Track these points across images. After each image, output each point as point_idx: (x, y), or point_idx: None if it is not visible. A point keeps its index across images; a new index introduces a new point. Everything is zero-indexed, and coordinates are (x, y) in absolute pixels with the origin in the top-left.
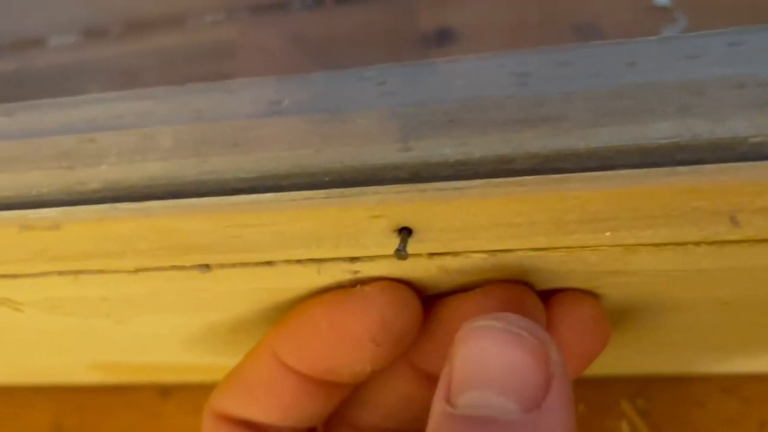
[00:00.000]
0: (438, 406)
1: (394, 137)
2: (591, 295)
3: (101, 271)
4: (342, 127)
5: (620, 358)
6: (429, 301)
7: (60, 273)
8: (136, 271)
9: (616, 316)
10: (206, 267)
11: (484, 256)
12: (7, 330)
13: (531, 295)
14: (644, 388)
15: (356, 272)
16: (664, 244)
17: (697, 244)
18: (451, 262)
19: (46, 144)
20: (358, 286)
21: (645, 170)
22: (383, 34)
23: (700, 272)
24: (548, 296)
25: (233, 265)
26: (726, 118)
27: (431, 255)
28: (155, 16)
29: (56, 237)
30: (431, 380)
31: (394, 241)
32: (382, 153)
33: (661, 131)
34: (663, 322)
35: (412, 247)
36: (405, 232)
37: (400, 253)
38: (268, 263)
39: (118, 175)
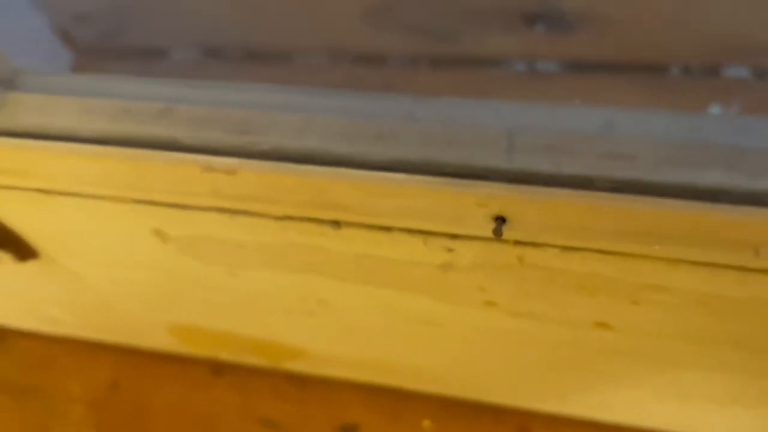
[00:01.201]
0: None
1: (503, 148)
2: None
3: (255, 214)
4: (462, 135)
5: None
6: None
7: (220, 210)
8: (282, 218)
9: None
10: (337, 224)
11: (557, 251)
12: (141, 265)
13: None
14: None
15: (451, 250)
16: (699, 263)
17: (726, 267)
18: (530, 254)
19: (229, 113)
20: None
21: (695, 203)
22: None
23: (724, 299)
24: None
25: (359, 226)
26: (760, 177)
27: (516, 243)
28: (267, 49)
29: (229, 180)
30: None
31: (490, 227)
32: (493, 159)
33: (710, 178)
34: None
35: (504, 234)
36: (500, 220)
37: (497, 232)
38: (387, 229)
39: (286, 143)
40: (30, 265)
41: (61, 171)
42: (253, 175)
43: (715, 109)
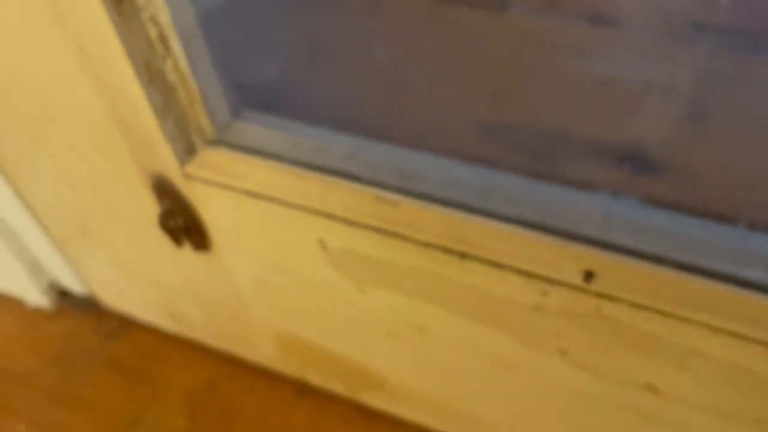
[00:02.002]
0: None
1: (597, 223)
2: None
3: (402, 237)
4: (570, 209)
5: None
6: None
7: (377, 230)
8: (422, 243)
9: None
10: (463, 255)
11: (627, 306)
12: (290, 271)
13: None
14: None
15: (545, 293)
16: (735, 334)
17: (757, 342)
18: (606, 306)
19: (399, 163)
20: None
21: (737, 288)
22: None
23: (752, 374)
24: None
25: (479, 260)
26: None
27: (599, 294)
28: (399, 136)
29: (392, 209)
30: None
31: (580, 278)
32: (592, 230)
33: (753, 275)
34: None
35: (590, 284)
36: (589, 274)
37: (587, 280)
38: (500, 266)
39: (436, 191)
40: (198, 257)
41: (267, 180)
42: (409, 208)
43: None
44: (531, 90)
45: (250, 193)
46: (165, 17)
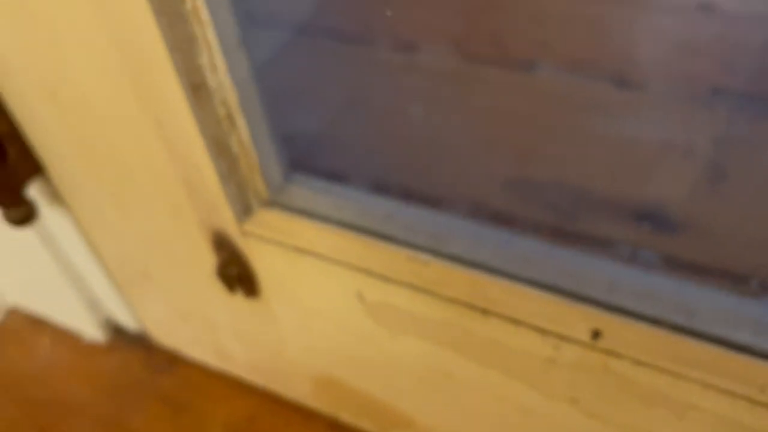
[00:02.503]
0: None
1: (604, 287)
2: None
3: (432, 293)
4: (581, 275)
5: None
6: None
7: (410, 286)
8: (449, 299)
9: None
10: (485, 312)
11: (631, 363)
12: (331, 319)
13: None
14: None
15: (557, 348)
16: (724, 390)
17: (744, 398)
18: (612, 362)
19: (430, 227)
20: None
21: (727, 350)
22: None
23: (740, 426)
24: None
25: (500, 316)
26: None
27: (605, 351)
28: (422, 193)
29: (423, 267)
30: None
31: (587, 337)
32: (596, 291)
33: (742, 338)
34: None
35: (597, 342)
36: (596, 333)
37: (595, 338)
38: (518, 322)
39: (462, 252)
40: (247, 302)
41: (314, 238)
42: (439, 268)
43: None
44: (555, 148)
45: (298, 249)
46: (233, 99)
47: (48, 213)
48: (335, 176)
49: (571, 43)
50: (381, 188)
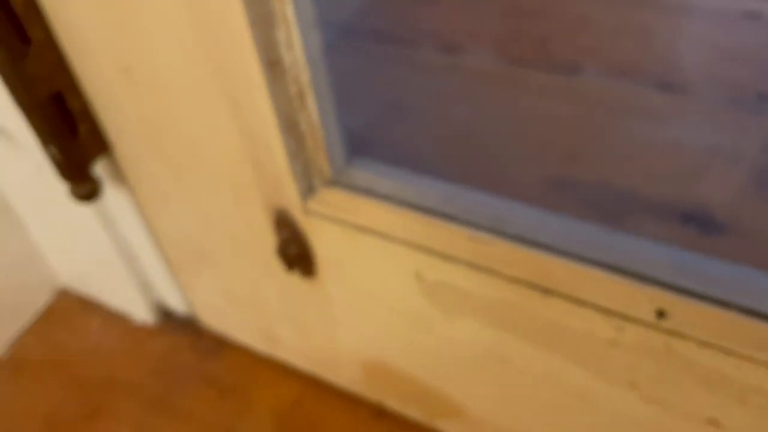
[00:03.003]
0: None
1: (670, 270)
2: None
3: (493, 272)
4: (650, 255)
5: None
6: None
7: (470, 265)
8: (511, 279)
9: None
10: (547, 291)
11: (695, 344)
12: (385, 301)
13: None
14: None
15: (621, 329)
16: None
17: None
18: (675, 343)
19: (490, 209)
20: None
21: None
22: None
23: None
24: None
25: (562, 296)
26: None
27: (669, 331)
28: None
29: (485, 247)
30: None
31: (652, 317)
32: (662, 273)
33: None
34: None
35: (662, 322)
36: (661, 313)
37: (659, 317)
38: (581, 302)
39: (524, 233)
40: (303, 282)
41: (375, 216)
42: (501, 247)
43: None
44: (599, 150)
45: (359, 227)
46: (305, 77)
47: (110, 192)
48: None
49: (616, 48)
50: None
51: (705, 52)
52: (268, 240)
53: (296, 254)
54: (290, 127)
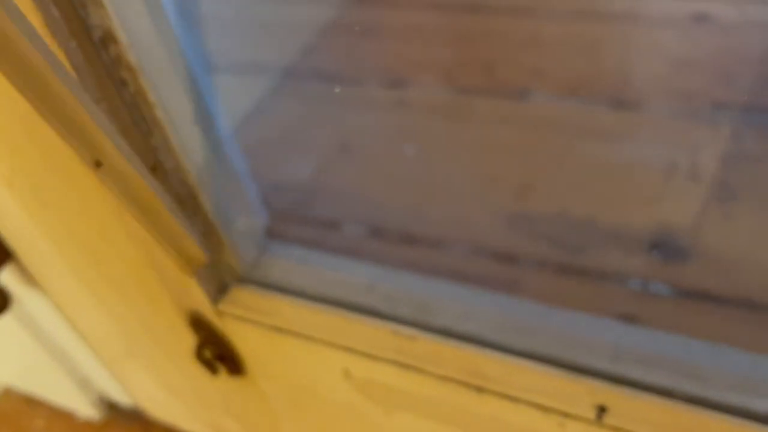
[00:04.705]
0: None
1: (609, 357)
2: None
3: (423, 371)
4: (579, 342)
5: None
6: None
7: (397, 364)
8: (442, 377)
9: None
10: (480, 390)
11: None
12: (318, 395)
13: None
14: None
15: (562, 425)
16: None
17: None
18: None
19: (413, 297)
20: None
21: (744, 421)
22: None
23: None
24: None
25: (496, 394)
26: None
27: (612, 428)
28: (420, 236)
29: (410, 344)
30: None
31: (592, 414)
32: (602, 363)
33: (760, 406)
34: None
35: (604, 419)
36: (601, 409)
37: (600, 415)
38: (516, 399)
39: (451, 325)
40: (233, 381)
41: (292, 316)
42: (426, 343)
43: None
44: (555, 178)
45: (276, 328)
46: (192, 178)
47: (25, 296)
48: (331, 224)
49: (565, 66)
50: (377, 233)
51: (656, 62)
52: (189, 340)
53: (219, 354)
54: (185, 230)
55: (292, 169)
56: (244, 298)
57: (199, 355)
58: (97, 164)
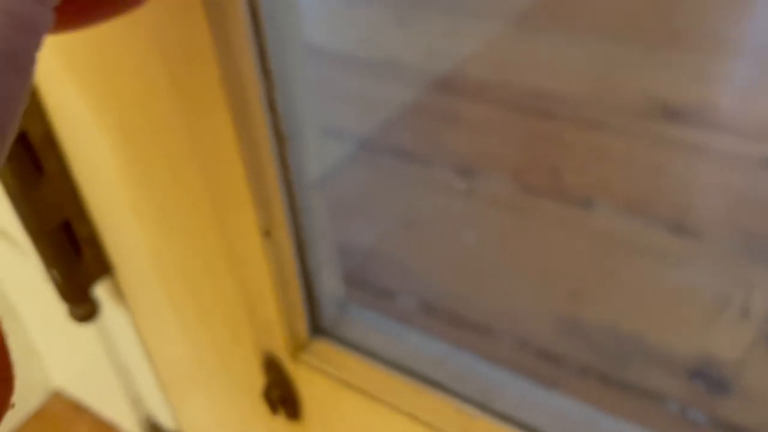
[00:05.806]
0: None
1: None
2: None
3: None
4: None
5: None
6: None
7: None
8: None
9: None
10: None
11: None
12: None
13: None
14: None
15: None
16: None
17: None
18: None
19: (473, 379)
20: None
21: None
22: None
23: None
24: None
25: None
26: None
27: None
28: (470, 319)
29: (473, 422)
30: None
31: None
32: None
33: None
34: None
35: None
36: None
37: None
38: None
39: (509, 411)
40: (289, 425)
41: (363, 375)
42: (486, 423)
43: None
44: (608, 289)
45: (345, 383)
46: (302, 243)
47: (109, 310)
48: (385, 292)
49: (630, 184)
50: (429, 310)
51: (719, 196)
52: (256, 379)
53: (280, 398)
54: (283, 283)
55: (355, 234)
56: (320, 349)
57: (267, 395)
58: (267, 234)
